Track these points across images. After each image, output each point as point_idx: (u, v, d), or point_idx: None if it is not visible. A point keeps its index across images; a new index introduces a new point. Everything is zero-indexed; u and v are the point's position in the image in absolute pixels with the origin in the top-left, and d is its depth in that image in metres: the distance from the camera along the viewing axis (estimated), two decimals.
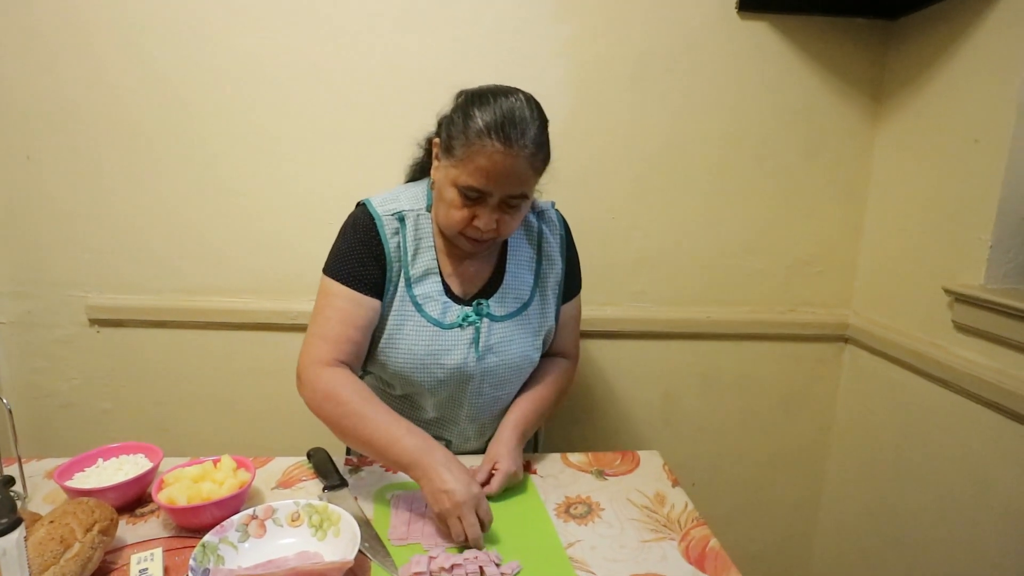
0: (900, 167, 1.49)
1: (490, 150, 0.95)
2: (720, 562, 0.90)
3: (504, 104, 0.97)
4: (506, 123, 0.95)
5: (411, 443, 0.95)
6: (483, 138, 0.95)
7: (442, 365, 1.09)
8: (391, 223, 1.08)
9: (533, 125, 0.98)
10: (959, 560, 1.30)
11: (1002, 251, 1.24)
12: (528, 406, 1.16)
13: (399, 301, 1.09)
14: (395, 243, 1.08)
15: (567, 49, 1.46)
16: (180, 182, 1.50)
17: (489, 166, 0.95)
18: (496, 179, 0.97)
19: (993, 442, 1.22)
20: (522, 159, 0.96)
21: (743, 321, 1.64)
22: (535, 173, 1.01)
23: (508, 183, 0.98)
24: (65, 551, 0.79)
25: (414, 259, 1.09)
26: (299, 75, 1.45)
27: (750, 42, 1.48)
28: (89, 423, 1.64)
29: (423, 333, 1.08)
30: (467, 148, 0.96)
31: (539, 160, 1.00)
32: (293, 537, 0.90)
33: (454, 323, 1.09)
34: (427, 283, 1.09)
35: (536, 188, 1.14)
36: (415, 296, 1.09)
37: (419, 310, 1.08)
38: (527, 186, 1.01)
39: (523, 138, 0.96)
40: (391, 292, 1.09)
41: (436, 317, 1.08)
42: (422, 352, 1.08)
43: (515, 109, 0.97)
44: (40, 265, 1.55)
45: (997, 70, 1.22)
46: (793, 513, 1.80)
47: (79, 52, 1.43)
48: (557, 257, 1.18)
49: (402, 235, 1.09)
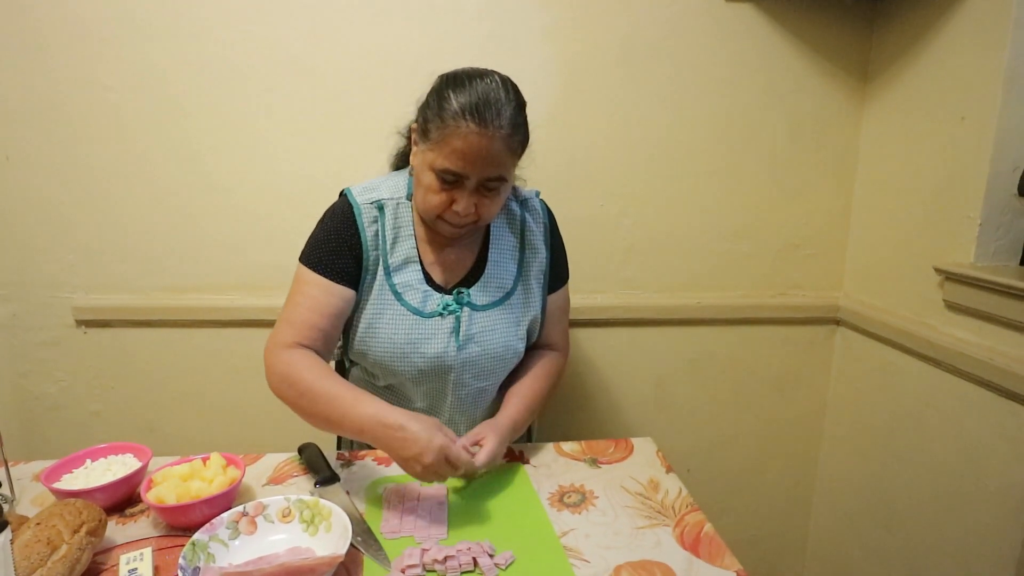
0: (888, 147, 1.48)
1: (465, 131, 0.94)
2: (715, 547, 0.90)
3: (479, 86, 0.96)
4: (481, 104, 0.94)
5: (364, 411, 0.93)
6: (458, 120, 0.94)
7: (422, 354, 1.08)
8: (370, 212, 1.08)
9: (508, 106, 0.97)
10: (953, 537, 1.31)
11: (991, 228, 1.24)
12: (519, 403, 1.13)
13: (378, 290, 1.08)
14: (373, 232, 1.08)
15: (551, 35, 1.45)
16: (164, 180, 1.48)
17: (465, 148, 0.95)
18: (472, 161, 0.96)
19: (984, 420, 1.23)
20: (498, 140, 0.96)
21: (734, 306, 1.63)
22: (512, 155, 1.00)
23: (485, 165, 0.97)
24: (52, 553, 0.78)
25: (393, 248, 1.09)
26: (281, 69, 1.43)
27: (736, 25, 1.47)
28: (78, 425, 1.63)
29: (403, 322, 1.07)
30: (443, 131, 0.96)
31: (516, 142, 1.00)
32: (284, 533, 0.90)
33: (434, 312, 1.08)
34: (407, 272, 1.09)
35: (517, 175, 1.14)
36: (394, 285, 1.08)
37: (399, 299, 1.08)
38: (504, 168, 1.00)
39: (498, 119, 0.95)
40: (368, 281, 1.08)
41: (416, 306, 1.08)
42: (401, 341, 1.07)
43: (490, 90, 0.96)
44: (24, 267, 1.53)
45: (982, 47, 1.22)
46: (787, 496, 1.80)
47: (60, 50, 1.40)
48: (541, 246, 1.17)
49: (381, 224, 1.09)
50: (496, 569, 0.84)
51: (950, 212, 1.30)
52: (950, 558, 1.32)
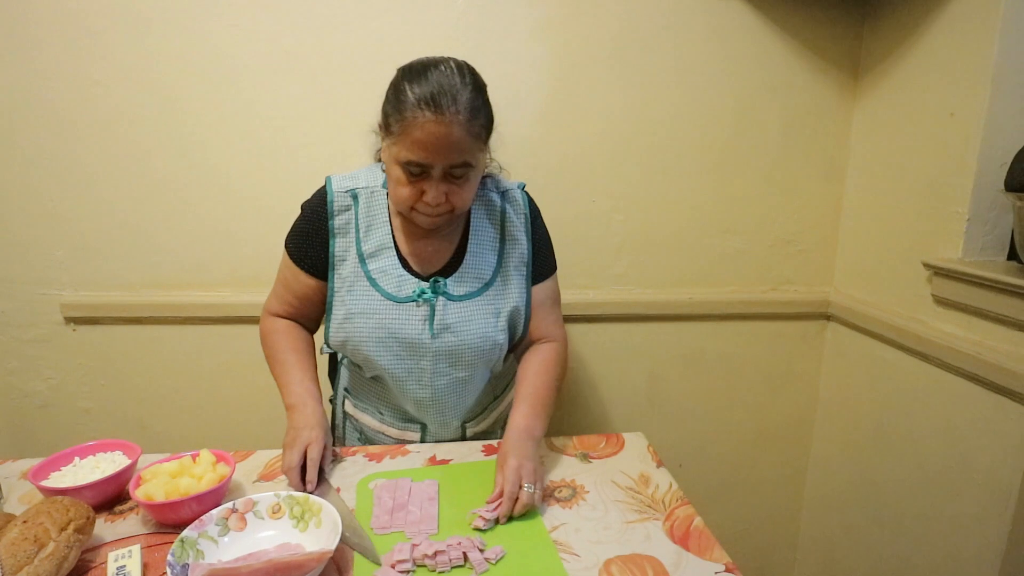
0: (878, 143, 1.49)
1: (422, 121, 0.95)
2: (704, 540, 0.90)
3: (433, 74, 0.97)
4: (436, 93, 0.95)
5: (295, 390, 1.10)
6: (415, 111, 0.95)
7: (397, 339, 1.09)
8: (343, 199, 1.11)
9: (465, 91, 0.97)
10: (941, 531, 1.32)
11: (979, 224, 1.25)
12: (525, 406, 1.11)
13: (353, 277, 1.10)
14: (344, 219, 1.11)
15: (543, 31, 1.44)
16: (154, 175, 1.47)
17: (424, 137, 0.96)
18: (434, 150, 0.96)
19: (973, 414, 1.24)
20: (456, 126, 0.96)
21: (725, 301, 1.64)
22: (475, 139, 1.00)
23: (446, 153, 0.97)
24: (40, 551, 0.77)
25: (367, 235, 1.11)
26: (272, 64, 1.42)
27: (728, 21, 1.47)
28: (67, 422, 1.62)
29: (377, 307, 1.09)
30: (402, 123, 0.97)
31: (477, 126, 0.99)
32: (274, 529, 0.89)
33: (409, 297, 1.09)
34: (381, 258, 1.10)
35: (500, 167, 1.14)
36: (369, 272, 1.10)
37: (373, 284, 1.09)
38: (468, 154, 0.99)
39: (454, 105, 0.95)
40: (340, 269, 1.11)
41: (390, 291, 1.09)
42: (376, 325, 1.08)
43: (444, 78, 0.97)
44: (12, 264, 1.51)
45: (971, 44, 1.22)
46: (778, 490, 1.81)
47: (49, 45, 1.39)
48: (521, 237, 1.17)
49: (354, 211, 1.12)
50: (486, 564, 0.84)
51: (939, 208, 1.31)
52: (938, 550, 1.33)
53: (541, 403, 1.13)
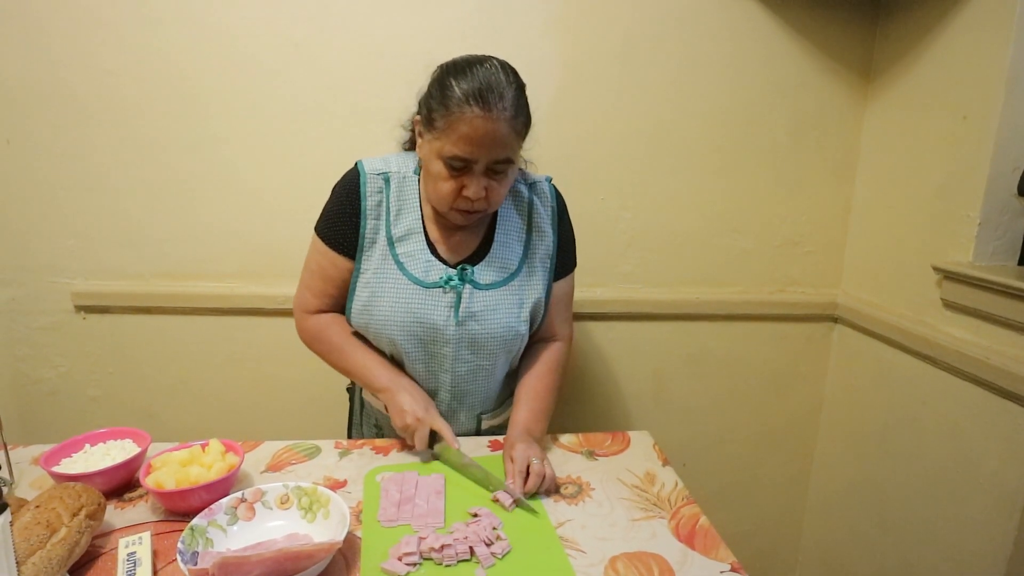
0: (889, 145, 1.48)
1: (470, 116, 0.96)
2: (710, 539, 0.91)
3: (479, 71, 0.99)
4: (483, 89, 0.97)
5: (382, 372, 1.13)
6: (462, 106, 0.96)
7: (421, 323, 1.09)
8: (375, 182, 1.12)
9: (510, 89, 0.99)
10: (945, 536, 1.32)
11: (990, 228, 1.25)
12: (526, 408, 1.15)
13: (381, 260, 1.10)
14: (375, 201, 1.11)
15: (553, 29, 1.44)
16: (165, 166, 1.48)
17: (471, 132, 0.97)
18: (480, 145, 0.98)
19: (980, 418, 1.24)
20: (503, 123, 0.98)
21: (733, 301, 1.64)
22: (517, 136, 1.02)
23: (492, 148, 0.99)
24: (51, 535, 0.78)
25: (397, 219, 1.11)
26: (284, 56, 1.43)
27: (738, 21, 1.47)
28: (76, 410, 1.63)
29: (404, 290, 1.09)
30: (448, 118, 0.98)
31: (519, 123, 1.02)
32: (282, 520, 0.90)
33: (436, 283, 1.09)
34: (410, 242, 1.11)
35: (526, 160, 1.15)
36: (397, 255, 1.11)
37: (401, 268, 1.10)
38: (510, 150, 1.02)
39: (502, 101, 0.97)
40: (369, 251, 1.11)
41: (417, 276, 1.09)
42: (402, 310, 1.09)
43: (491, 75, 0.99)
44: (24, 252, 1.53)
45: (985, 46, 1.22)
46: (782, 491, 1.81)
47: (61, 34, 1.40)
48: (548, 229, 1.18)
49: (385, 195, 1.12)
50: (493, 558, 0.84)
51: (950, 211, 1.30)
52: (942, 554, 1.33)
53: (542, 406, 1.16)
